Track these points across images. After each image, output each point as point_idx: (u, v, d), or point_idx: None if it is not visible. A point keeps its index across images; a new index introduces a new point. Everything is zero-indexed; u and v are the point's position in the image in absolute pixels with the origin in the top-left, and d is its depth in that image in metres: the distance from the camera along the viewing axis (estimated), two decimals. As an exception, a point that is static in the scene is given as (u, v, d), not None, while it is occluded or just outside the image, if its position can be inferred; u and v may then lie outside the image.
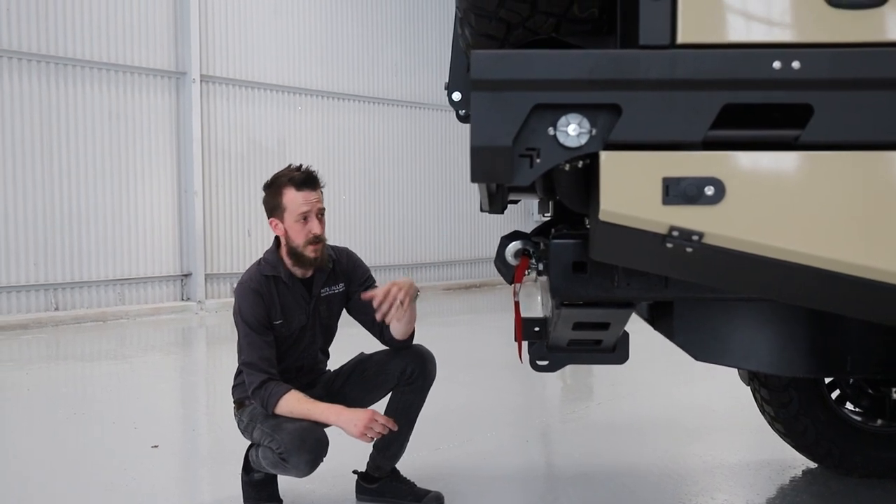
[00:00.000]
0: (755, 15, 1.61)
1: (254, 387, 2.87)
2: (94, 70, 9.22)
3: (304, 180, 2.90)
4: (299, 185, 2.90)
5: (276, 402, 2.84)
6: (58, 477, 3.67)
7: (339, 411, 2.83)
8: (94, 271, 9.27)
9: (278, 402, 2.83)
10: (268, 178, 3.00)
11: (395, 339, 3.05)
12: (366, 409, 2.84)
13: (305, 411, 2.83)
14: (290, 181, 2.91)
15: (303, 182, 2.90)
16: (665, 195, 1.60)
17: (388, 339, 3.07)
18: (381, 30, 12.19)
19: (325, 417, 2.83)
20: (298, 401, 2.85)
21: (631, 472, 3.60)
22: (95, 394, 5.60)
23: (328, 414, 2.83)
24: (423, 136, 12.81)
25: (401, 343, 3.06)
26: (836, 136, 1.57)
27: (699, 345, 2.33)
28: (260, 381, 2.86)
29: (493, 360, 6.71)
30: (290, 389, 2.86)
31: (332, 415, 2.83)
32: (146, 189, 9.71)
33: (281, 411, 2.84)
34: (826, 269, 1.57)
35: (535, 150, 1.66)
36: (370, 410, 2.83)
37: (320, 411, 2.84)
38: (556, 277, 2.03)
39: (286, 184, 2.91)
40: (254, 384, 2.87)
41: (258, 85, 10.74)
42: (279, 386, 2.86)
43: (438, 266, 13.08)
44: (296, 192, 2.90)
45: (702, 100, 1.60)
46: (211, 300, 10.12)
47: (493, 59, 1.62)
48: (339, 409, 2.84)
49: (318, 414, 2.84)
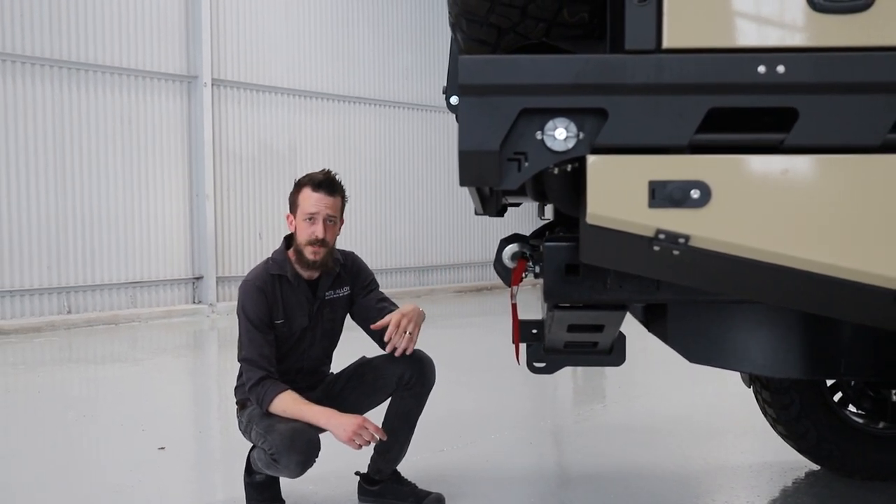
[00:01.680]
0: (740, 19, 1.62)
1: (251, 383, 2.90)
2: (105, 74, 9.29)
3: (321, 183, 2.96)
4: (316, 186, 2.96)
5: (271, 400, 2.87)
6: (66, 478, 3.71)
7: (330, 415, 2.85)
8: (107, 274, 9.35)
9: (273, 400, 2.87)
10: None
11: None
12: (357, 416, 2.85)
13: (298, 412, 2.86)
14: (310, 181, 2.98)
15: (320, 184, 2.96)
16: (651, 198, 1.62)
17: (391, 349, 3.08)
18: (392, 33, 12.23)
19: (316, 419, 2.86)
20: (293, 401, 2.88)
21: (634, 475, 3.60)
22: (105, 396, 5.65)
23: (319, 416, 2.86)
24: (434, 139, 12.83)
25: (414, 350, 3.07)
26: (820, 139, 1.58)
27: (693, 347, 2.33)
28: (258, 378, 2.89)
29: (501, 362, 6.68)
30: (286, 389, 2.89)
31: (323, 417, 2.85)
32: (158, 192, 9.78)
33: (275, 410, 2.88)
34: (812, 271, 1.58)
35: (522, 154, 1.68)
36: (361, 417, 2.84)
37: (312, 413, 2.87)
38: (549, 280, 2.04)
39: (307, 183, 2.98)
40: (251, 380, 2.90)
41: (269, 89, 10.79)
42: (276, 385, 2.89)
43: (449, 268, 13.10)
44: (311, 192, 2.95)
45: (687, 104, 1.61)
46: (222, 303, 10.16)
47: (481, 64, 1.64)
48: (332, 412, 2.87)
49: (311, 416, 2.86)
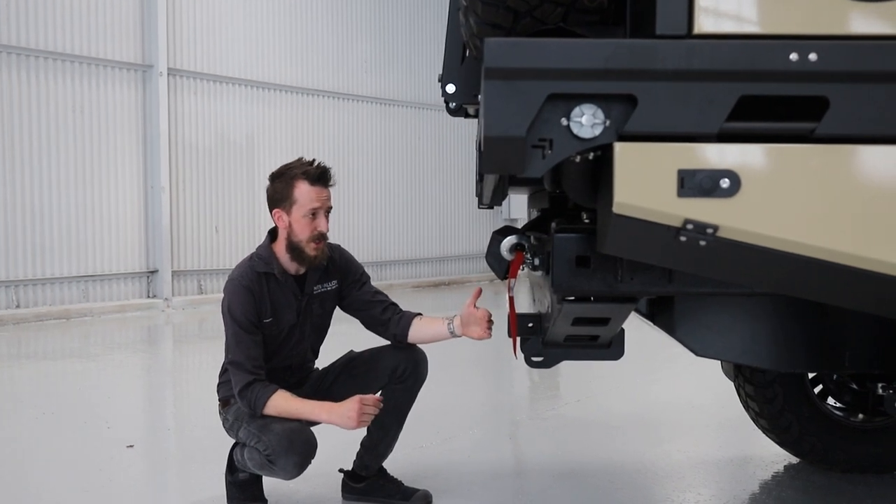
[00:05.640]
0: (772, 6, 1.60)
1: (240, 387, 2.80)
2: (57, 62, 8.99)
3: (318, 176, 2.85)
4: (314, 180, 2.84)
5: (263, 404, 2.77)
6: (31, 479, 3.56)
7: (329, 409, 2.77)
8: (58, 268, 9.05)
9: (266, 403, 2.77)
10: (275, 169, 2.93)
11: (404, 339, 3.00)
12: (351, 399, 2.75)
13: (295, 410, 2.77)
14: (304, 175, 2.84)
15: (317, 178, 2.85)
16: (680, 187, 1.58)
17: (396, 335, 3.01)
18: (351, 25, 12.09)
19: (315, 416, 2.78)
20: (286, 400, 2.79)
21: (617, 469, 3.59)
22: (63, 393, 5.45)
23: (318, 412, 2.78)
24: (393, 133, 12.74)
25: (407, 344, 3.02)
26: (852, 129, 1.56)
27: (700, 340, 2.32)
28: (246, 383, 2.79)
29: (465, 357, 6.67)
30: (276, 390, 2.80)
31: (322, 413, 2.77)
32: (111, 184, 9.50)
33: (269, 412, 2.78)
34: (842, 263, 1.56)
35: (547, 140, 1.63)
36: (356, 399, 2.74)
37: (310, 410, 2.79)
38: (558, 272, 1.99)
39: (299, 177, 2.84)
40: (240, 384, 2.80)
41: (227, 79, 10.56)
42: (266, 387, 2.79)
43: (407, 263, 13.02)
44: (309, 186, 2.84)
45: (718, 91, 1.58)
46: (178, 297, 9.94)
47: (507, 47, 1.58)
48: (330, 405, 2.79)
49: (308, 412, 2.78)
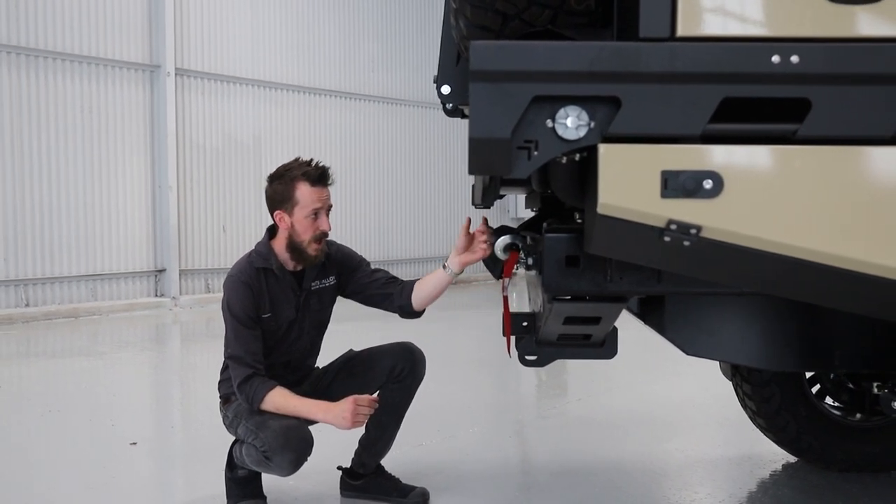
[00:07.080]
0: (755, 8, 1.61)
1: (239, 381, 2.83)
2: (66, 62, 9.05)
3: (319, 177, 2.87)
4: (314, 181, 2.86)
5: (261, 398, 2.80)
6: (36, 475, 3.60)
7: (326, 408, 2.79)
8: (66, 267, 9.12)
9: (263, 398, 2.79)
10: (274, 170, 2.94)
11: (410, 306, 2.96)
12: (346, 400, 2.77)
13: (292, 408, 2.80)
14: (304, 176, 2.86)
15: (318, 178, 2.87)
16: (664, 188, 1.60)
17: (402, 307, 2.98)
18: (358, 25, 12.12)
19: (311, 414, 2.81)
20: (284, 397, 2.81)
21: (615, 468, 3.61)
22: (70, 391, 5.50)
23: (315, 411, 2.80)
24: (400, 133, 12.77)
25: (414, 312, 2.98)
26: (834, 130, 1.58)
27: (690, 339, 2.33)
28: (245, 376, 2.82)
29: (471, 356, 6.70)
30: (275, 385, 2.82)
31: (319, 412, 2.80)
32: (119, 183, 9.56)
33: (266, 407, 2.81)
34: (824, 263, 1.58)
35: (533, 142, 1.65)
36: (350, 399, 2.76)
37: (307, 408, 2.81)
38: (549, 272, 2.02)
39: (300, 178, 2.86)
40: (239, 378, 2.83)
41: (234, 79, 10.61)
42: (265, 382, 2.82)
43: (413, 262, 13.04)
44: (310, 187, 2.86)
45: (701, 93, 1.60)
46: (185, 296, 10.00)
47: (493, 50, 1.61)
48: (326, 405, 2.81)
49: (305, 411, 2.81)
